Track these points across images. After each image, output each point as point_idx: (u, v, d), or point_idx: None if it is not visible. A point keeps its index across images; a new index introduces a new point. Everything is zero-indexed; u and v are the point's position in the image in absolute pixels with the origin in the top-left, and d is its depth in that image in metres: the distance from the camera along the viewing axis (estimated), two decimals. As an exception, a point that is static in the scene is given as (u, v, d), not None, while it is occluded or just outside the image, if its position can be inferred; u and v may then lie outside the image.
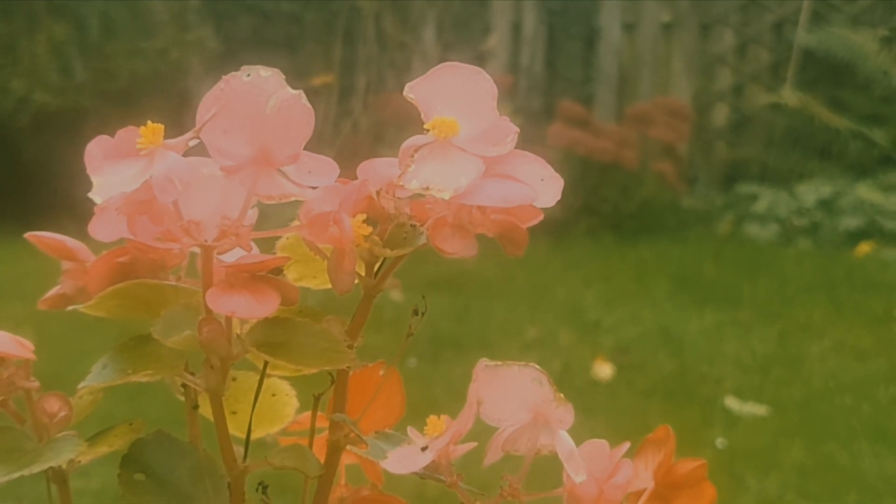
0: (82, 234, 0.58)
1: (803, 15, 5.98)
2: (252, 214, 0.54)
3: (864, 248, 4.98)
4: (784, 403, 3.15)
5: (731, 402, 3.12)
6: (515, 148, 0.53)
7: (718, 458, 2.78)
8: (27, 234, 0.59)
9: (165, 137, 0.51)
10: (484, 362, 0.52)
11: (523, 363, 0.51)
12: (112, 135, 0.53)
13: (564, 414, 0.51)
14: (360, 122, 5.72)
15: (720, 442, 2.86)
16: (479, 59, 5.99)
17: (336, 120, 5.75)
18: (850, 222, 5.19)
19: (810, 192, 5.43)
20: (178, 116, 0.53)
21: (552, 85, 6.11)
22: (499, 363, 0.51)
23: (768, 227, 5.33)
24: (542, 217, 0.54)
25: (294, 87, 0.51)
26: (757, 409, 3.09)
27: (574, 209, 5.25)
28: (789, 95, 5.80)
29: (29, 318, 0.62)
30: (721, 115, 6.21)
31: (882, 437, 2.90)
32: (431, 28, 6.00)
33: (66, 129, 4.89)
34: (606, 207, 5.31)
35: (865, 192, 5.32)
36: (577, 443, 0.54)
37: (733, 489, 2.61)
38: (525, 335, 3.68)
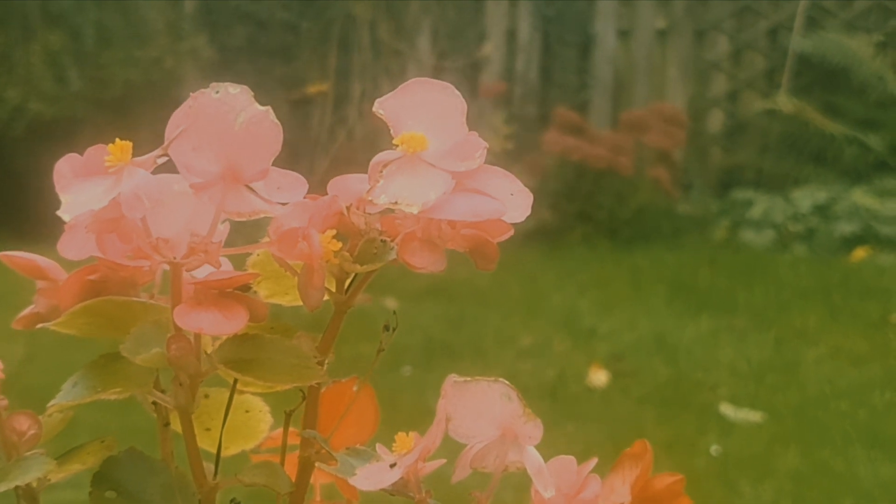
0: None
1: (798, 21, 5.98)
2: (222, 231, 0.54)
3: (860, 253, 4.98)
4: (779, 410, 3.15)
5: (727, 409, 3.12)
6: (513, 154, 0.53)
7: (713, 465, 2.79)
8: (0, 254, 0.59)
9: (154, 148, 0.51)
10: (453, 378, 0.52)
11: (492, 378, 0.51)
12: (107, 144, 0.53)
13: (533, 429, 0.51)
14: (355, 129, 5.73)
15: (715, 449, 2.86)
16: (474, 67, 6.01)
17: (331, 127, 5.76)
18: (846, 228, 5.19)
19: (806, 198, 5.43)
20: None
21: (547, 92, 6.11)
22: (468, 379, 0.51)
23: (764, 233, 5.33)
24: (512, 232, 0.54)
25: (289, 95, 0.51)
26: (752, 416, 3.09)
27: (569, 216, 5.25)
28: (784, 101, 5.80)
29: (21, 330, 0.62)
30: (716, 121, 6.21)
31: (878, 443, 2.90)
32: (426, 36, 6.01)
33: (61, 138, 4.89)
34: (601, 214, 5.31)
35: (861, 197, 5.32)
36: (571, 450, 0.54)
37: (728, 496, 2.61)
38: (520, 342, 3.68)
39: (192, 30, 5.78)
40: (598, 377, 3.34)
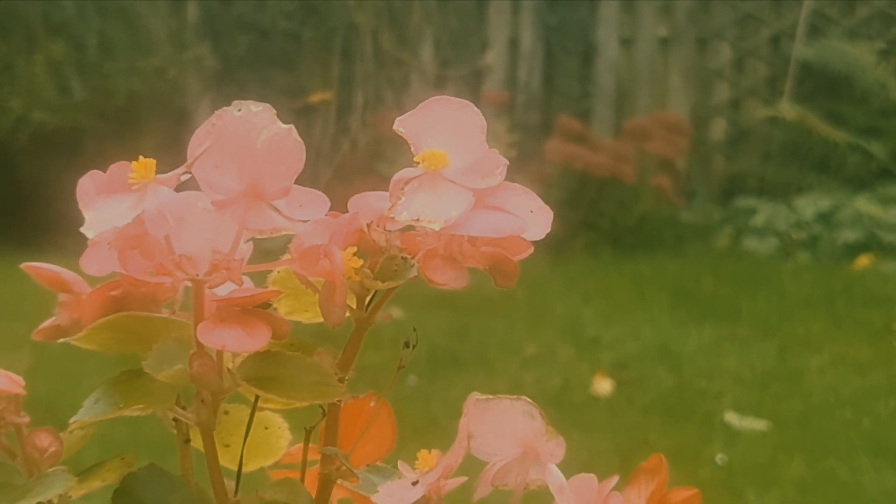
0: (81, 254, 0.58)
1: (800, 28, 5.99)
2: (245, 249, 0.55)
3: (863, 261, 4.98)
4: (783, 418, 3.15)
5: (731, 418, 3.12)
6: (515, 166, 0.54)
7: (718, 474, 2.79)
8: (23, 265, 0.60)
9: (162, 158, 0.51)
10: (475, 396, 0.52)
11: (515, 397, 0.51)
12: (109, 155, 0.53)
13: (555, 448, 0.51)
14: (358, 139, 5.73)
15: (720, 457, 2.85)
16: (477, 75, 6.01)
17: (334, 137, 5.76)
18: (849, 235, 5.19)
19: (809, 206, 5.43)
20: (176, 134, 0.53)
21: (550, 100, 6.11)
22: (490, 397, 0.52)
23: (767, 241, 5.33)
24: (532, 250, 0.54)
25: (292, 104, 0.52)
26: (756, 424, 3.08)
27: (572, 224, 5.25)
28: (787, 109, 5.80)
29: (28, 340, 0.62)
30: (719, 129, 6.21)
31: (882, 452, 2.90)
32: (429, 45, 6.02)
33: (65, 148, 4.90)
34: (604, 222, 5.31)
35: (864, 205, 5.33)
36: (576, 459, 0.54)
37: (733, 505, 2.61)
38: (524, 352, 3.68)
39: (194, 39, 5.79)
40: (603, 386, 3.34)
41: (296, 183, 0.52)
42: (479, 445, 0.52)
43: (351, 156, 5.63)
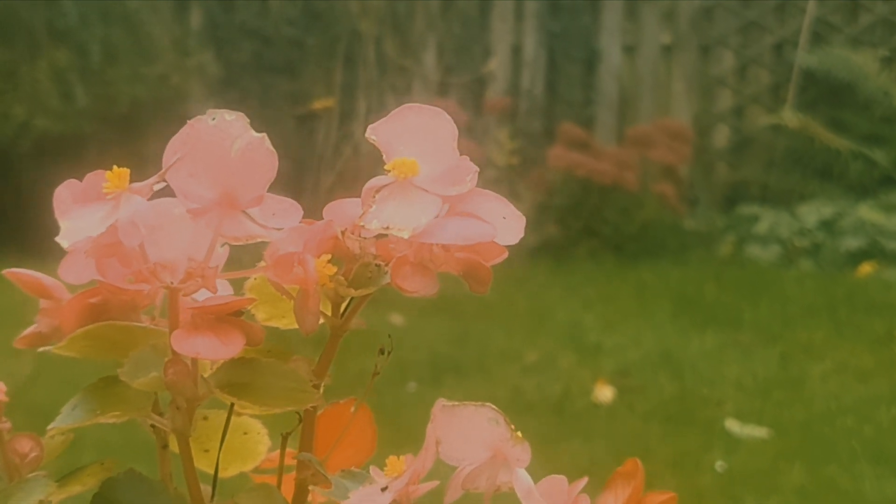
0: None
1: (803, 36, 5.99)
2: (220, 255, 0.55)
3: (866, 268, 4.98)
4: (785, 426, 3.14)
5: (732, 425, 3.12)
6: (519, 169, 0.54)
7: (718, 481, 2.78)
8: (5, 271, 0.60)
9: (161, 163, 0.52)
10: (441, 402, 0.52)
11: (479, 403, 0.52)
12: (112, 161, 0.54)
13: (521, 452, 0.52)
14: (360, 145, 5.73)
15: (720, 465, 2.85)
16: (480, 82, 6.02)
17: (337, 143, 5.77)
18: (852, 243, 5.19)
19: (811, 213, 5.43)
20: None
21: (552, 107, 6.11)
22: (455, 403, 0.52)
23: (769, 249, 5.33)
24: (506, 255, 0.54)
25: (295, 111, 0.52)
26: (757, 432, 3.08)
27: (575, 231, 5.26)
28: (790, 116, 5.80)
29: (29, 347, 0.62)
30: (722, 136, 6.21)
31: (884, 459, 2.89)
32: (432, 52, 6.02)
33: (68, 155, 4.91)
34: (607, 229, 5.31)
35: (867, 212, 5.32)
36: (577, 466, 0.54)
37: (733, 512, 2.61)
38: (525, 359, 3.68)
39: (198, 46, 5.79)
40: (604, 393, 3.34)
41: (299, 188, 0.53)
42: (448, 451, 0.52)
43: (353, 162, 5.63)
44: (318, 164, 5.58)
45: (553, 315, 4.28)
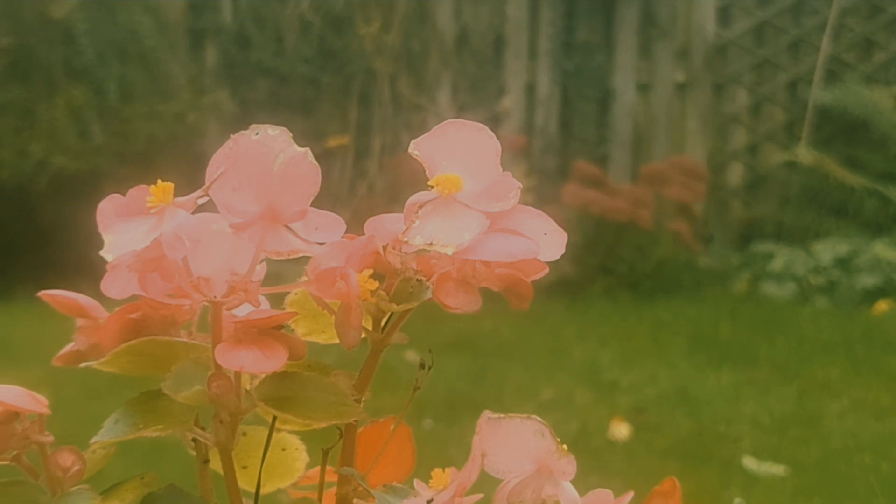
0: (99, 296, 0.59)
1: (817, 73, 6.00)
2: (261, 270, 0.55)
3: (882, 306, 4.96)
4: (802, 463, 3.13)
5: (749, 463, 3.11)
6: (534, 206, 0.54)
7: (736, 519, 2.77)
8: (41, 293, 0.60)
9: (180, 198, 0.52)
10: (487, 414, 0.52)
11: (525, 415, 0.52)
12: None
13: (567, 465, 0.52)
14: (375, 183, 5.75)
15: (738, 502, 2.84)
16: (494, 120, 6.03)
17: (352, 181, 5.78)
18: (868, 280, 5.17)
19: (827, 251, 5.42)
20: (194, 179, 0.54)
21: (567, 145, 6.12)
22: (501, 416, 0.52)
23: (785, 286, 5.31)
24: (547, 271, 0.54)
25: (310, 149, 0.52)
26: (775, 469, 3.07)
27: (590, 269, 5.25)
28: (804, 154, 5.81)
29: (45, 381, 0.63)
30: (736, 174, 6.21)
31: (901, 496, 2.88)
32: (446, 90, 6.04)
33: (85, 192, 4.90)
34: (622, 267, 5.31)
35: (882, 250, 5.31)
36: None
37: (752, 549, 2.60)
38: (541, 396, 3.67)
39: (214, 84, 5.82)
40: (620, 430, 3.33)
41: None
42: (493, 463, 0.52)
43: (368, 200, 5.65)
44: (334, 201, 5.59)
45: (569, 352, 4.27)
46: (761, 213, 6.07)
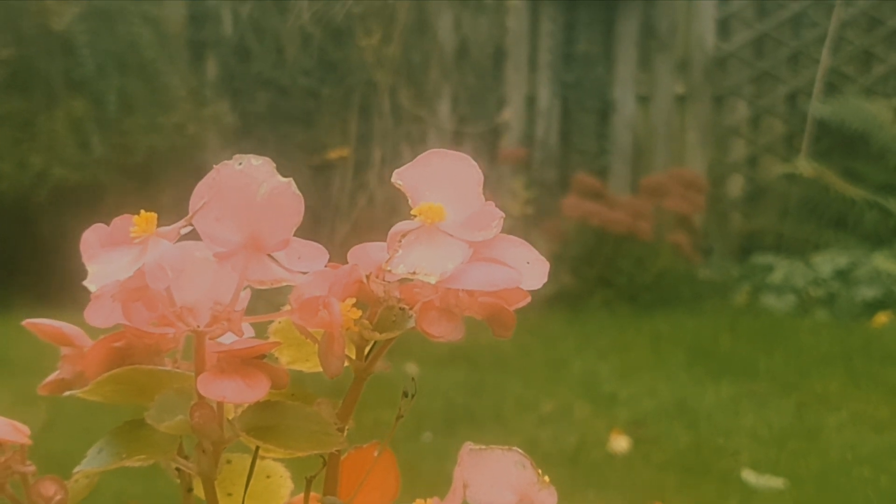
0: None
1: (817, 86, 6.01)
2: (243, 298, 0.55)
3: (882, 318, 4.96)
4: (801, 476, 3.13)
5: (748, 475, 3.11)
6: (533, 219, 0.54)
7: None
8: (25, 322, 0.60)
9: (181, 214, 0.52)
10: (468, 446, 0.53)
11: (507, 447, 0.52)
12: (129, 210, 0.54)
13: (548, 497, 0.52)
14: (375, 195, 5.75)
15: (736, 515, 2.84)
16: (494, 132, 6.03)
17: (352, 192, 5.79)
18: (867, 293, 5.18)
19: (826, 263, 5.43)
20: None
21: (566, 157, 6.13)
22: (483, 447, 0.52)
23: (785, 298, 5.32)
24: (529, 299, 0.55)
25: (310, 161, 0.53)
26: (774, 482, 3.07)
27: (589, 281, 5.26)
28: (804, 166, 5.81)
29: (44, 396, 0.63)
30: (736, 186, 6.22)
31: (900, 510, 2.88)
32: (446, 102, 6.05)
33: (84, 204, 4.93)
34: (621, 279, 5.31)
35: (882, 262, 5.31)
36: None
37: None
38: (540, 409, 3.67)
39: (214, 96, 5.83)
40: (619, 443, 3.33)
41: (313, 238, 0.53)
42: (475, 494, 0.53)
43: (368, 211, 5.65)
44: (334, 213, 5.60)
45: (568, 365, 4.27)
46: (761, 225, 6.08)
